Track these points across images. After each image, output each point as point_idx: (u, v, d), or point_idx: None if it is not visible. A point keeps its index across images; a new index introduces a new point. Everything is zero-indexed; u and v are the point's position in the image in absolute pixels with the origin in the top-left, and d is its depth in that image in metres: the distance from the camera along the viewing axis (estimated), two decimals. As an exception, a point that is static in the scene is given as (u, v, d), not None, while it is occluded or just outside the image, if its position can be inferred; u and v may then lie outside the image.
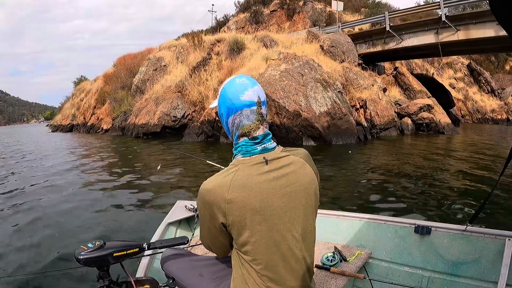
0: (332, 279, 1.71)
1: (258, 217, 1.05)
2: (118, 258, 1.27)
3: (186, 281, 1.38)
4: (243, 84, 1.13)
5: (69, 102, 34.16)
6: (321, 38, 16.37)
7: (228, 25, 30.22)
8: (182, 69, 18.09)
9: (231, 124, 1.14)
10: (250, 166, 1.08)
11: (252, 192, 1.04)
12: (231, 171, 1.08)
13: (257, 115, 1.12)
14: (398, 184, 5.60)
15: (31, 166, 9.52)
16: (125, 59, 25.05)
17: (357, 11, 25.13)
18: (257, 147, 1.11)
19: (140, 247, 1.34)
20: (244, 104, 1.10)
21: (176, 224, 2.36)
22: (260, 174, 1.07)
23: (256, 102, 1.12)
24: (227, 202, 1.03)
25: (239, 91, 1.11)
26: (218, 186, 1.05)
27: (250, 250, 1.08)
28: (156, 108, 15.92)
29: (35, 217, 4.49)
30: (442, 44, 14.12)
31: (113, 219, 4.34)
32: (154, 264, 1.94)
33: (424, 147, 10.59)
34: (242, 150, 1.12)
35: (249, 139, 1.12)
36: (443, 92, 18.19)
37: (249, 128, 1.11)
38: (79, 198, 5.49)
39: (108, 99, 22.26)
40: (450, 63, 22.20)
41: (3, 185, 6.85)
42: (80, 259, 1.21)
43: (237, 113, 1.11)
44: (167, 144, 12.87)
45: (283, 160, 1.11)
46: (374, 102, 13.76)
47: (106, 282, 1.29)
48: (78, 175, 7.58)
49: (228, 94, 1.13)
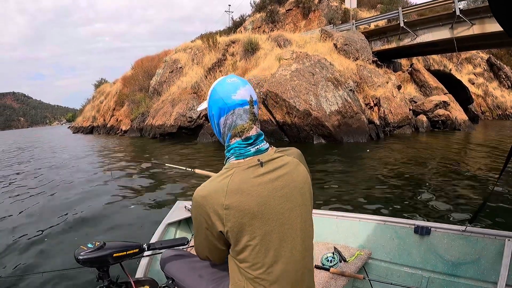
0: (331, 279, 1.73)
1: (257, 221, 1.06)
2: (118, 259, 1.29)
3: (186, 281, 1.41)
4: (234, 83, 1.13)
5: (90, 104, 35.65)
6: (334, 37, 16.64)
7: (244, 25, 30.81)
8: (197, 70, 18.74)
9: (223, 125, 1.13)
10: (245, 169, 1.08)
11: (249, 196, 1.04)
12: (226, 175, 1.07)
13: (250, 114, 1.12)
14: (399, 184, 5.70)
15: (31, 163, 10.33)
16: (142, 61, 26.06)
17: (373, 8, 25.18)
18: (250, 149, 1.11)
19: (140, 248, 1.36)
20: (236, 103, 1.10)
21: (176, 224, 2.38)
22: (256, 177, 1.07)
23: (248, 101, 1.12)
24: (225, 208, 1.03)
25: (231, 90, 1.11)
26: (213, 191, 1.05)
27: (249, 256, 1.07)
28: (172, 110, 16.62)
29: (30, 217, 4.66)
30: (457, 39, 14.08)
31: (113, 219, 4.45)
32: (153, 264, 1.95)
33: (435, 145, 10.72)
34: (235, 152, 1.12)
35: (242, 140, 1.11)
36: (461, 88, 18.05)
37: (242, 127, 1.11)
38: (82, 198, 5.66)
39: (127, 101, 23.25)
40: (469, 58, 21.84)
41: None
42: (80, 259, 1.23)
43: (229, 112, 1.10)
44: (181, 145, 13.50)
45: (278, 161, 1.12)
46: (388, 99, 13.94)
47: (106, 283, 1.31)
48: (87, 175, 7.99)
49: (219, 94, 1.12)
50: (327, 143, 11.18)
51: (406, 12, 16.02)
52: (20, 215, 4.83)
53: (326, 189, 5.46)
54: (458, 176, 6.27)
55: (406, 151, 9.55)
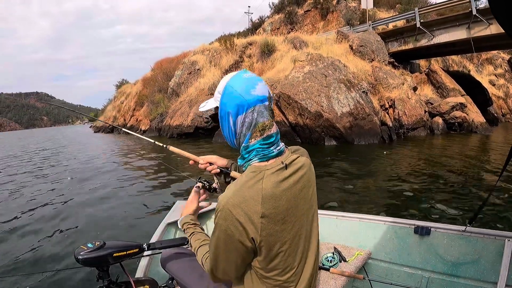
0: (331, 279, 1.73)
1: (287, 225, 1.05)
2: (118, 259, 1.29)
3: (186, 281, 1.41)
4: (252, 77, 1.07)
5: (111, 105, 37.32)
6: (350, 38, 17.00)
7: (263, 27, 31.52)
8: (215, 72, 19.47)
9: (240, 125, 1.07)
10: (273, 172, 1.04)
11: (281, 202, 1.03)
12: (256, 179, 1.03)
13: (269, 111, 1.08)
14: (402, 186, 5.79)
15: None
16: (162, 63, 27.22)
17: (392, 8, 25.27)
18: (273, 150, 1.08)
19: (140, 248, 1.36)
20: (257, 99, 1.05)
21: (176, 224, 2.37)
22: (283, 181, 1.05)
23: (267, 97, 1.08)
24: (261, 216, 0.99)
25: (250, 85, 1.05)
26: (248, 199, 0.99)
27: (279, 262, 1.06)
28: (189, 110, 17.38)
29: (30, 216, 4.81)
30: (474, 39, 14.11)
31: (113, 219, 4.57)
32: (153, 264, 1.97)
33: (446, 148, 10.89)
34: (258, 154, 1.08)
35: (263, 140, 1.07)
36: (480, 89, 17.97)
37: (263, 125, 1.06)
38: (86, 197, 5.91)
39: (146, 102, 24.38)
40: (490, 59, 21.52)
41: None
42: (80, 259, 1.23)
43: (249, 110, 1.04)
44: (196, 144, 14.21)
45: (297, 162, 1.12)
46: (403, 101, 14.15)
47: (106, 283, 1.32)
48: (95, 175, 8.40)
49: (237, 90, 1.04)
50: (338, 145, 11.59)
51: (422, 12, 16.14)
52: (20, 215, 4.94)
53: (331, 190, 5.67)
54: (459, 177, 6.43)
55: (417, 153, 9.82)
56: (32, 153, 17.07)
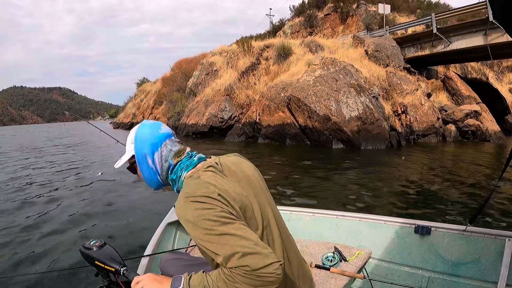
0: (332, 279, 1.75)
1: (241, 196, 1.11)
2: (97, 267, 1.27)
3: None
4: (155, 122, 1.24)
5: (131, 102, 38.91)
6: (366, 43, 17.41)
7: (283, 30, 32.18)
8: (231, 73, 20.20)
9: (159, 160, 1.19)
10: (205, 170, 1.12)
11: (232, 184, 1.11)
12: (195, 177, 1.10)
13: (178, 141, 1.23)
14: (403, 191, 5.89)
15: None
16: (181, 63, 28.39)
17: (412, 13, 25.42)
18: (194, 159, 1.20)
19: (116, 270, 1.26)
20: (166, 135, 1.20)
21: (176, 224, 2.41)
22: (219, 173, 1.13)
23: (172, 133, 1.24)
24: (218, 194, 1.02)
25: (156, 127, 1.22)
26: (200, 187, 1.04)
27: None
28: (205, 110, 18.20)
29: (28, 216, 4.84)
30: (491, 46, 14.13)
31: (114, 219, 4.65)
32: (153, 265, 1.98)
33: (454, 154, 11.17)
34: (183, 167, 1.17)
35: (184, 159, 1.19)
36: (497, 98, 17.97)
37: (179, 151, 1.20)
38: (89, 197, 5.95)
39: (165, 100, 25.53)
40: (511, 66, 21.30)
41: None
42: (80, 251, 1.28)
43: (162, 145, 1.18)
44: (209, 143, 14.98)
45: (225, 159, 1.24)
46: (415, 107, 14.47)
47: (106, 283, 1.33)
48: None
49: (145, 134, 1.19)
50: (345, 148, 12.09)
51: (439, 18, 16.28)
52: (19, 216, 4.95)
53: (332, 191, 5.93)
54: (460, 178, 6.68)
55: (422, 158, 10.16)
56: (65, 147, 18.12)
